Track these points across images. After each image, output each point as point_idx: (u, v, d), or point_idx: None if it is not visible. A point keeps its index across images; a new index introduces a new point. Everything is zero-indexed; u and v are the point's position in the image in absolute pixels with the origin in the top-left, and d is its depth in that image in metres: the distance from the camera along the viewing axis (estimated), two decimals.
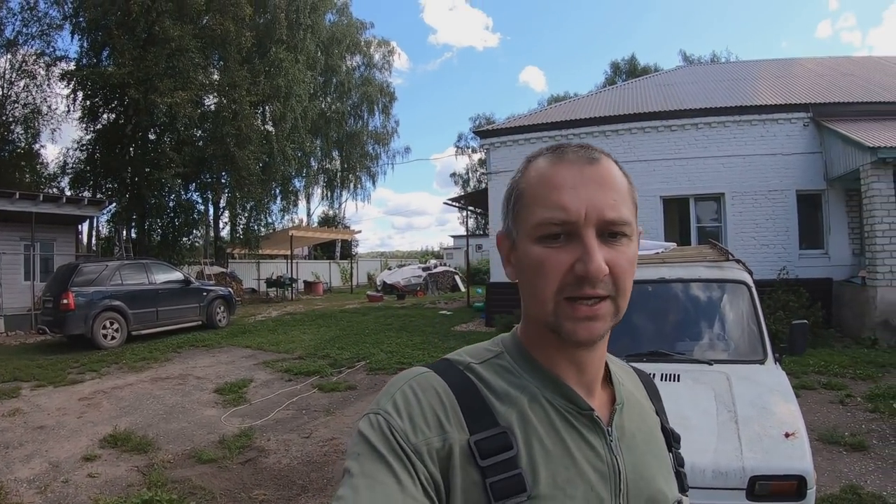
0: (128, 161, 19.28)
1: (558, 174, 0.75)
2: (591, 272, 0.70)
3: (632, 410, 0.86)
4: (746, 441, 2.55)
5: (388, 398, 0.75)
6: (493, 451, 0.71)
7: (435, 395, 0.75)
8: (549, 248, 0.73)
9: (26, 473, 4.93)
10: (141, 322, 12.16)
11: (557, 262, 0.72)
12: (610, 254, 0.72)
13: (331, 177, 39.41)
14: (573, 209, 0.72)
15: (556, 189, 0.74)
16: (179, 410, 6.91)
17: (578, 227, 0.72)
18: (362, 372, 8.82)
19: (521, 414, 0.75)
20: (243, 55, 20.26)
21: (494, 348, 0.84)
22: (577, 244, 0.72)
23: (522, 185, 0.78)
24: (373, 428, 0.72)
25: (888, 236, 9.40)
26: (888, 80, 13.96)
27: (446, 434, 0.72)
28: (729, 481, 2.41)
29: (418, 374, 0.79)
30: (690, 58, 44.23)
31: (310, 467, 5.09)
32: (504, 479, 0.70)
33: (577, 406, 0.78)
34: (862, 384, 6.96)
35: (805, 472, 2.40)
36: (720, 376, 3.16)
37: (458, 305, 18.99)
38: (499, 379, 0.79)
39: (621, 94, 16.49)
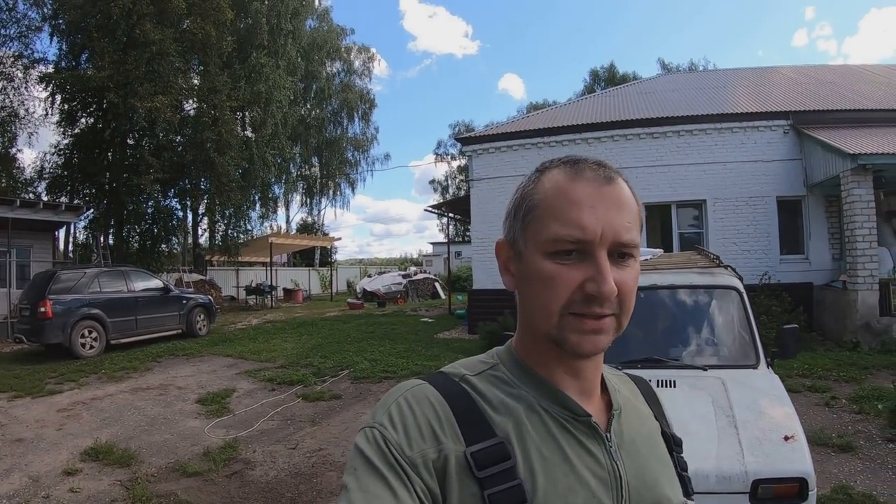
0: (106, 166, 18.98)
1: (577, 191, 0.74)
2: (604, 294, 0.71)
3: (630, 416, 0.86)
4: (747, 445, 2.56)
5: (383, 411, 0.75)
6: (491, 462, 0.70)
7: (430, 407, 0.75)
8: (560, 265, 0.73)
9: (5, 488, 4.78)
10: (120, 331, 11.93)
11: (568, 278, 0.73)
12: (619, 274, 0.73)
13: (310, 183, 39.20)
14: (591, 228, 0.72)
15: (575, 206, 0.73)
16: (161, 422, 6.76)
17: (593, 246, 0.72)
18: (346, 381, 8.72)
19: (517, 423, 0.75)
20: (224, 60, 20.10)
21: (489, 360, 0.84)
22: (590, 263, 0.72)
23: (537, 196, 0.77)
24: (368, 442, 0.72)
25: (868, 241, 9.56)
26: (866, 87, 14.27)
27: (441, 445, 0.71)
28: (732, 485, 2.43)
29: (413, 387, 0.78)
30: (669, 66, 44.81)
31: (298, 479, 4.99)
32: (503, 490, 0.69)
33: (574, 413, 0.78)
34: (846, 386, 7.07)
35: (806, 474, 2.42)
36: (716, 382, 3.17)
37: (440, 312, 18.96)
38: (494, 389, 0.78)
39: (603, 101, 16.62)
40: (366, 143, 41.15)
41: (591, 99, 18.71)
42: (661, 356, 3.48)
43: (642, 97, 15.86)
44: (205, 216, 24.87)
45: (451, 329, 14.50)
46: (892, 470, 4.59)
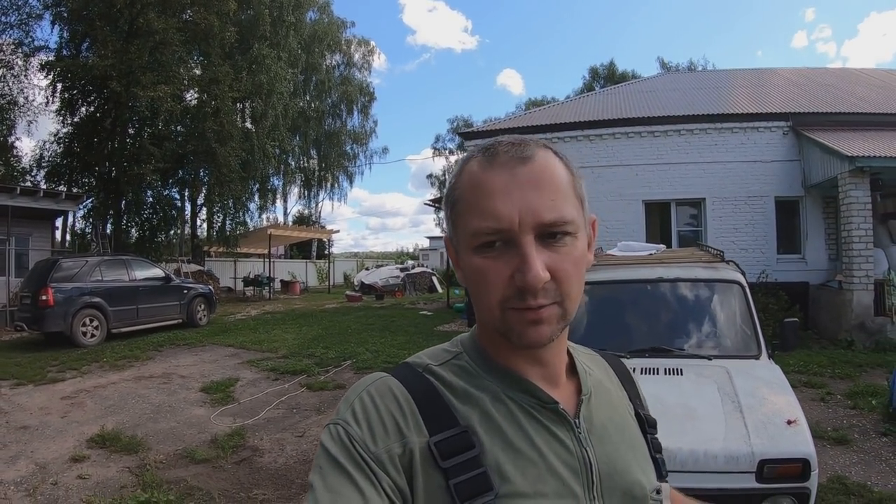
0: (106, 155, 18.98)
1: (489, 179, 0.71)
2: (529, 283, 0.68)
3: (601, 400, 0.85)
4: (753, 428, 2.67)
5: (346, 407, 0.74)
6: (454, 452, 0.70)
7: (393, 400, 0.74)
8: (486, 259, 0.71)
9: (12, 475, 4.78)
10: (121, 320, 11.97)
11: (496, 272, 0.70)
12: (552, 257, 0.70)
13: (308, 176, 39.25)
14: (505, 216, 0.69)
15: (488, 196, 0.70)
16: (167, 410, 6.80)
17: (514, 234, 0.69)
18: (349, 371, 8.80)
19: (483, 412, 0.74)
20: (226, 51, 20.11)
21: (453, 349, 0.84)
22: (514, 252, 0.70)
23: (457, 191, 0.76)
24: (333, 439, 0.71)
25: (864, 242, 9.68)
26: (864, 91, 14.40)
27: (405, 439, 0.70)
28: (740, 465, 2.53)
29: (376, 380, 0.77)
30: (668, 65, 44.89)
31: (307, 466, 5.05)
32: (468, 478, 0.68)
33: (540, 400, 0.77)
34: (841, 383, 7.19)
35: (809, 456, 2.53)
36: (720, 370, 3.28)
37: (438, 306, 19.04)
38: (458, 379, 0.78)
39: (605, 99, 16.72)
40: (364, 137, 41.34)
41: (592, 96, 18.81)
42: (668, 346, 3.60)
43: (643, 96, 15.96)
44: (203, 207, 24.89)
45: (450, 322, 14.58)
46: (886, 462, 4.72)
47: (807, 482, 2.49)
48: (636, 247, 5.49)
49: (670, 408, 2.81)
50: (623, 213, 12.58)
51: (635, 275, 4.13)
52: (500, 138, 0.76)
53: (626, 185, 12.72)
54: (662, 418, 2.80)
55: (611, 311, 3.99)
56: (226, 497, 4.42)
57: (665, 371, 3.26)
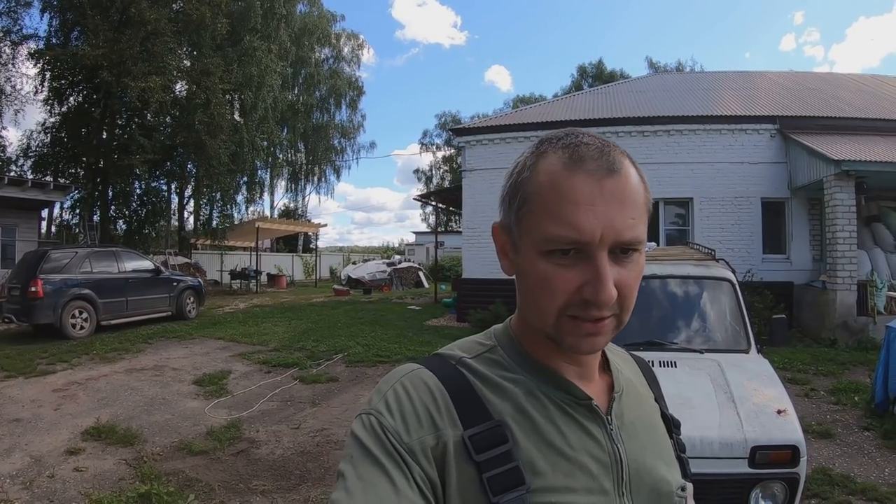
0: (95, 146, 18.82)
1: (575, 186, 0.68)
2: (602, 300, 0.67)
3: (631, 398, 0.84)
4: (745, 417, 2.81)
5: (380, 397, 0.73)
6: (488, 446, 0.69)
7: (427, 392, 0.73)
8: (556, 265, 0.69)
9: (7, 468, 4.75)
10: (110, 312, 11.91)
11: (565, 281, 0.68)
12: (620, 273, 0.69)
13: (295, 169, 39.18)
14: (588, 230, 0.66)
15: (572, 204, 0.67)
16: (160, 402, 6.81)
17: (592, 248, 0.67)
18: (341, 364, 8.86)
19: (516, 406, 0.73)
20: (217, 42, 20.03)
21: (487, 342, 0.82)
22: (588, 265, 0.68)
23: (530, 188, 0.71)
24: (365, 429, 0.70)
25: (848, 244, 9.91)
26: (851, 96, 14.67)
27: (440, 431, 0.70)
28: (734, 451, 2.67)
29: (410, 371, 0.76)
30: (656, 65, 45.29)
31: (305, 457, 5.11)
32: (501, 472, 0.68)
33: (575, 396, 0.76)
34: (824, 380, 7.38)
35: (798, 443, 2.67)
36: (712, 363, 3.41)
37: (426, 301, 19.12)
38: (492, 373, 0.77)
39: (595, 98, 16.88)
40: (352, 131, 41.30)
41: (582, 95, 18.98)
42: (661, 340, 3.72)
43: (633, 96, 16.13)
44: (191, 199, 24.78)
45: (439, 317, 14.69)
46: (868, 455, 4.89)
47: (796, 468, 2.63)
48: None
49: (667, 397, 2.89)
50: None
51: None
52: (583, 136, 0.72)
53: None
54: None
55: None
56: (226, 488, 4.46)
57: (660, 363, 3.37)
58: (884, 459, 4.78)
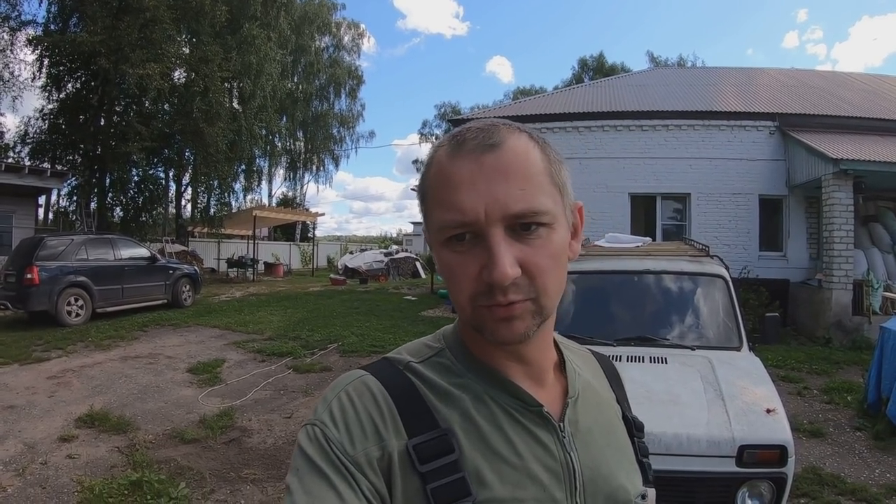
0: (92, 133, 18.74)
1: (455, 169, 0.67)
2: (495, 280, 0.64)
3: (588, 402, 0.82)
4: (734, 415, 2.80)
5: (324, 407, 0.71)
6: (433, 456, 0.67)
7: (371, 400, 0.71)
8: (455, 253, 0.68)
9: (0, 455, 4.76)
10: (106, 299, 11.89)
11: (465, 268, 0.67)
12: (524, 251, 0.66)
13: (294, 158, 39.00)
14: (470, 209, 0.65)
15: (453, 188, 0.67)
16: (154, 390, 6.82)
17: (480, 227, 0.65)
18: (335, 354, 8.87)
19: (464, 414, 0.71)
20: (216, 30, 19.90)
21: (435, 344, 0.80)
22: (483, 247, 0.66)
23: (426, 183, 0.72)
24: (311, 441, 0.68)
25: (845, 243, 9.91)
26: (851, 94, 14.64)
27: (384, 442, 0.68)
28: (721, 450, 2.66)
29: (355, 378, 0.74)
30: (657, 59, 45.16)
31: None
32: (446, 483, 0.66)
33: (524, 402, 0.74)
34: (818, 378, 7.38)
35: (786, 443, 2.66)
36: (703, 360, 3.41)
37: (422, 291, 19.08)
38: (440, 378, 0.74)
39: (594, 91, 16.82)
40: (351, 120, 41.04)
41: (581, 88, 18.94)
42: (653, 335, 3.72)
43: (633, 90, 16.09)
44: (189, 186, 24.70)
45: (434, 308, 14.68)
46: (859, 455, 4.90)
47: (784, 468, 2.63)
48: (623, 238, 5.62)
49: (656, 394, 2.93)
50: (609, 205, 12.69)
51: (623, 266, 4.25)
52: (469, 124, 0.71)
53: (612, 177, 12.87)
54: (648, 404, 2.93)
55: (598, 301, 4.10)
56: (216, 477, 4.47)
57: (650, 359, 3.38)
58: (875, 460, 4.79)
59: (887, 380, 5.37)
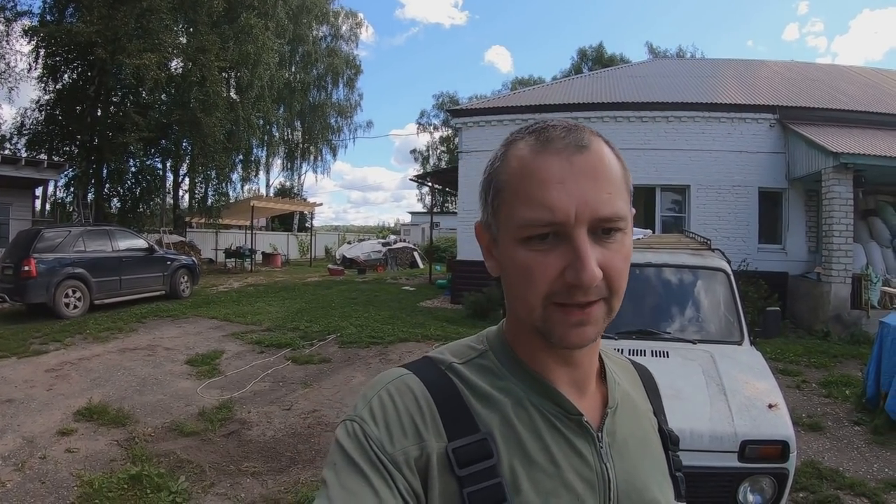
0: (89, 123, 18.63)
1: (543, 166, 0.67)
2: (584, 282, 0.64)
3: (626, 413, 0.81)
4: (736, 410, 2.80)
5: (364, 403, 0.72)
6: (472, 460, 0.67)
7: (413, 400, 0.71)
8: (535, 252, 0.67)
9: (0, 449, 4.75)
10: (104, 291, 11.84)
11: (545, 267, 0.66)
12: (604, 254, 0.66)
13: (292, 148, 39.00)
14: (561, 209, 0.64)
15: (542, 185, 0.66)
16: (153, 382, 6.81)
17: (568, 227, 0.65)
18: (334, 345, 8.86)
19: (504, 419, 0.71)
20: (213, 19, 19.73)
21: (479, 346, 0.80)
22: (567, 247, 0.66)
23: (503, 176, 0.71)
24: (349, 437, 0.69)
25: (844, 236, 9.90)
26: (852, 88, 14.61)
27: (423, 442, 0.68)
28: (723, 445, 2.66)
29: (396, 377, 0.74)
30: (657, 50, 45.08)
31: (296, 439, 5.13)
32: (482, 488, 0.66)
33: (565, 410, 0.74)
34: (816, 372, 7.40)
35: (788, 438, 2.66)
36: (705, 354, 3.40)
37: (421, 282, 19.12)
38: (482, 381, 0.74)
39: (594, 82, 16.77)
40: (349, 110, 41.06)
41: (581, 79, 18.88)
42: (654, 329, 3.71)
43: (633, 81, 16.04)
44: (186, 177, 24.60)
45: (433, 298, 14.69)
46: (857, 450, 4.91)
47: (786, 463, 2.63)
48: None
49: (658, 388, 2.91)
50: None
51: None
52: (550, 121, 0.71)
53: None
54: None
55: None
56: (216, 470, 4.47)
57: (651, 353, 3.37)
58: (873, 455, 4.80)
59: (886, 374, 5.37)
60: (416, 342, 8.93)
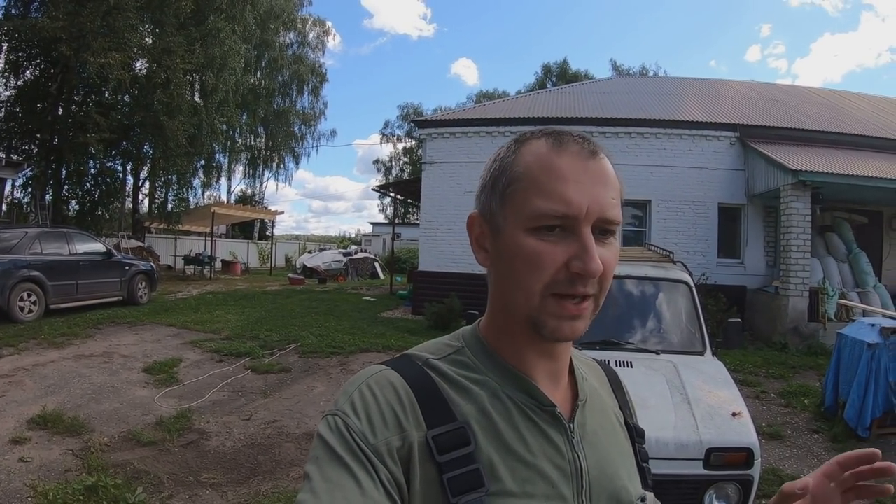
0: (50, 122, 18.13)
1: (563, 164, 0.72)
2: (590, 272, 0.69)
3: (594, 406, 0.85)
4: (700, 419, 2.85)
5: (345, 398, 0.74)
6: (451, 447, 0.70)
7: (393, 392, 0.73)
8: (543, 241, 0.71)
9: None
10: (60, 295, 11.41)
11: (552, 256, 0.70)
12: (601, 252, 0.71)
13: (254, 154, 38.39)
14: (576, 203, 0.69)
15: (561, 180, 0.71)
16: (109, 390, 6.59)
17: (578, 222, 0.70)
18: (294, 354, 8.74)
19: (480, 409, 0.74)
20: (181, 21, 19.44)
21: (455, 343, 0.83)
22: (574, 240, 0.70)
23: (518, 168, 0.74)
24: (331, 430, 0.70)
25: (802, 251, 10.22)
26: (810, 108, 15.15)
27: (405, 432, 0.70)
28: (689, 453, 2.71)
29: (376, 372, 0.77)
30: (620, 67, 45.87)
31: (256, 450, 5.03)
32: (461, 474, 0.68)
33: (539, 402, 0.77)
34: (775, 382, 7.60)
35: (753, 445, 2.72)
36: (668, 364, 3.46)
37: (381, 292, 19.04)
38: (458, 374, 0.77)
39: (558, 97, 17.02)
40: (313, 118, 40.55)
41: (546, 93, 19.15)
42: (618, 339, 3.75)
43: (596, 96, 16.32)
44: (147, 181, 24.11)
45: (393, 309, 14.61)
46: (817, 457, 5.06)
47: (750, 470, 2.68)
48: None
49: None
50: None
51: None
52: (561, 128, 0.77)
53: None
54: None
55: None
56: (174, 481, 4.35)
57: (616, 363, 3.39)
58: None
59: (844, 384, 5.54)
60: (377, 352, 8.87)
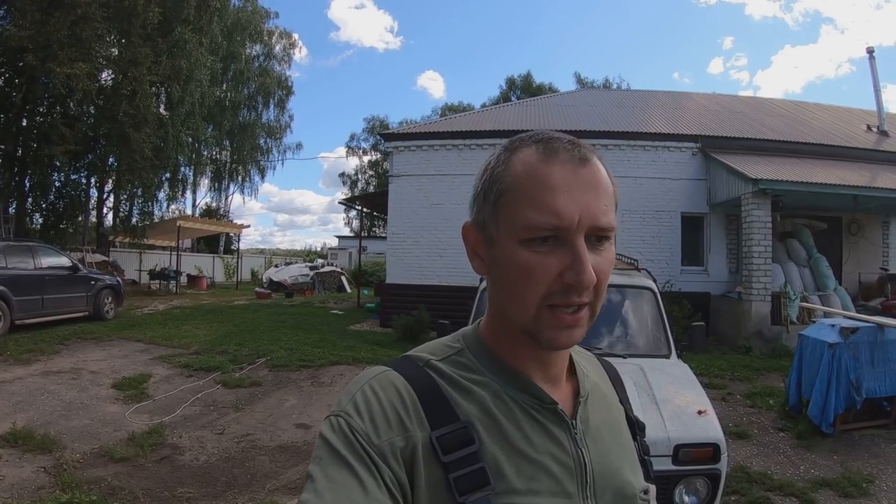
0: (14, 133, 17.69)
1: (552, 174, 0.70)
2: (583, 283, 0.69)
3: (596, 402, 0.86)
4: (668, 417, 2.97)
5: (348, 399, 0.74)
6: (456, 447, 0.70)
7: (395, 393, 0.73)
8: (536, 253, 0.70)
9: None
10: (25, 310, 11.09)
11: (545, 268, 0.70)
12: (596, 260, 0.71)
13: (220, 168, 37.90)
14: (567, 215, 0.69)
15: (550, 191, 0.70)
16: (79, 406, 6.49)
17: (570, 233, 0.69)
18: (264, 368, 8.68)
19: (483, 409, 0.74)
20: (147, 32, 19.19)
21: (455, 344, 0.83)
22: (566, 250, 0.70)
23: (508, 178, 0.73)
24: (334, 431, 0.70)
25: (763, 257, 10.56)
26: (771, 119, 15.65)
27: (409, 433, 0.70)
28: (658, 449, 2.79)
29: (378, 373, 0.77)
30: (584, 80, 46.49)
31: (230, 464, 5.02)
32: (467, 473, 0.68)
33: (540, 400, 0.77)
34: (740, 384, 7.84)
35: (719, 441, 2.85)
36: (635, 367, 3.58)
37: (349, 305, 19.02)
38: (459, 375, 0.77)
39: (523, 110, 17.28)
40: (279, 131, 40.17)
41: (511, 107, 19.38)
42: (585, 345, 3.84)
43: (560, 109, 16.63)
44: (111, 194, 23.67)
45: (362, 322, 14.59)
46: (783, 454, 5.27)
47: (718, 464, 2.82)
48: None
49: None
50: None
51: None
52: (552, 134, 0.76)
53: None
54: None
55: None
56: (150, 496, 4.32)
57: None
58: (798, 458, 5.16)
59: (807, 383, 5.77)
60: (347, 365, 8.85)
